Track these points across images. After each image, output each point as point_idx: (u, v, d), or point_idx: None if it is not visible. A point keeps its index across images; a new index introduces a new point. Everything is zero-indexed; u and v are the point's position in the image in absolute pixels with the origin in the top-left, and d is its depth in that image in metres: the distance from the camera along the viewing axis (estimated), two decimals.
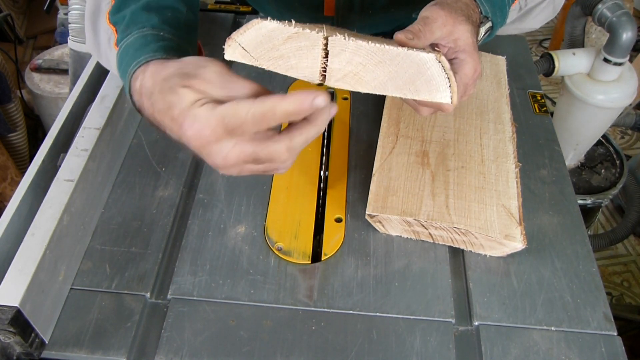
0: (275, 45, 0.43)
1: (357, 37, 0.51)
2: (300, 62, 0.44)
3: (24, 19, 2.30)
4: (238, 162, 0.43)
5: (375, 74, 0.44)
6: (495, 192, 0.62)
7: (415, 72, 0.44)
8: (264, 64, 0.45)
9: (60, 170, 0.59)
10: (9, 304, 0.48)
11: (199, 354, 0.52)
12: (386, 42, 0.47)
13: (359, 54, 0.43)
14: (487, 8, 0.60)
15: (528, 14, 0.69)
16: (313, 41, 0.42)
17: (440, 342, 0.54)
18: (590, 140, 1.34)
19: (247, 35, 0.43)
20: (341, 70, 0.44)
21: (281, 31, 0.42)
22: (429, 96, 0.45)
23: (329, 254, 0.60)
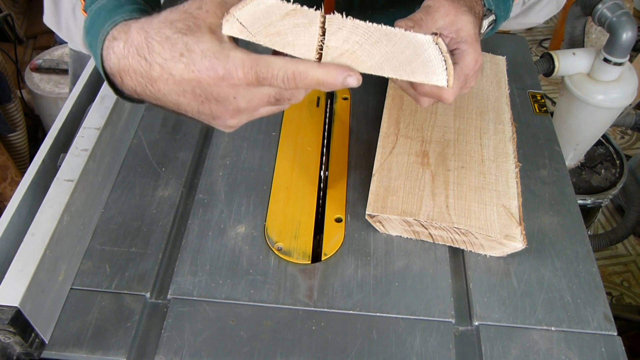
0: (273, 21, 0.43)
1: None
2: (297, 39, 0.44)
3: (24, 19, 2.30)
4: (260, 103, 0.44)
5: (371, 54, 0.44)
6: (495, 192, 0.62)
7: (412, 53, 0.44)
8: (261, 40, 0.45)
9: (60, 170, 0.59)
10: (9, 304, 0.48)
11: (199, 354, 0.52)
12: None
13: (356, 32, 0.43)
14: (490, 1, 0.60)
15: (531, 9, 0.69)
16: (311, 18, 0.43)
17: (440, 342, 0.54)
18: (590, 140, 1.34)
19: (246, 10, 0.43)
20: (338, 48, 0.44)
21: (279, 7, 0.42)
22: (425, 78, 0.45)
23: (329, 254, 0.60)
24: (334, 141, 0.73)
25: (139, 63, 0.43)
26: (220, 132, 0.73)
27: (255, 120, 0.76)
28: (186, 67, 0.42)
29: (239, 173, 0.68)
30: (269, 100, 0.44)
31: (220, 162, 0.70)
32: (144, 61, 0.43)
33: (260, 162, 0.70)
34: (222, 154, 0.71)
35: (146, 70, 0.43)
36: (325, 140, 0.74)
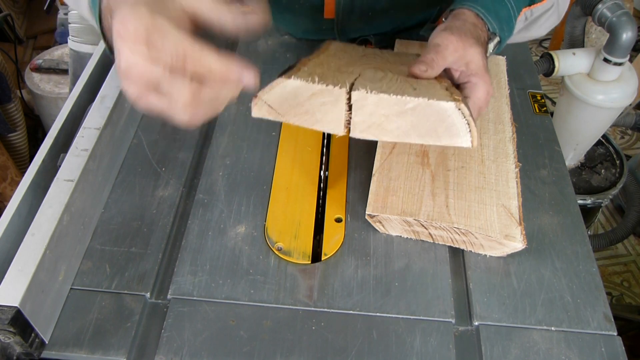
0: (300, 101, 0.45)
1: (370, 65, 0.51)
2: (325, 117, 0.45)
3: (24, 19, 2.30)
4: (140, 77, 0.38)
5: (397, 124, 0.46)
6: (495, 192, 0.62)
7: (437, 120, 0.45)
8: (291, 119, 0.47)
9: (60, 170, 0.59)
10: (9, 304, 0.48)
11: (199, 354, 0.52)
12: (404, 83, 0.48)
13: (381, 106, 0.44)
14: (494, 25, 0.61)
15: (534, 23, 0.70)
16: (336, 96, 0.44)
17: (440, 342, 0.54)
18: (590, 140, 1.34)
19: (273, 93, 0.45)
20: (365, 122, 0.45)
21: (305, 88, 0.44)
22: (449, 141, 0.47)
23: (329, 254, 0.60)
24: (334, 141, 0.73)
25: (107, 19, 0.46)
26: (220, 132, 0.73)
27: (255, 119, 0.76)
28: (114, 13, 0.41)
29: (239, 173, 0.68)
30: (149, 78, 0.38)
31: (220, 162, 0.70)
32: (110, 17, 0.45)
33: (260, 162, 0.70)
34: (222, 154, 0.71)
35: (110, 24, 0.44)
36: (325, 140, 0.74)
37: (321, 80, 0.44)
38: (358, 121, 0.45)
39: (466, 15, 0.60)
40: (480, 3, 0.61)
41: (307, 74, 0.45)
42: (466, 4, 0.62)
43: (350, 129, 0.45)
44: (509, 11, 0.63)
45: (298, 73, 0.46)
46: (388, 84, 0.47)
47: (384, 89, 0.45)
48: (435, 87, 0.48)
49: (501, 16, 0.62)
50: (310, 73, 0.46)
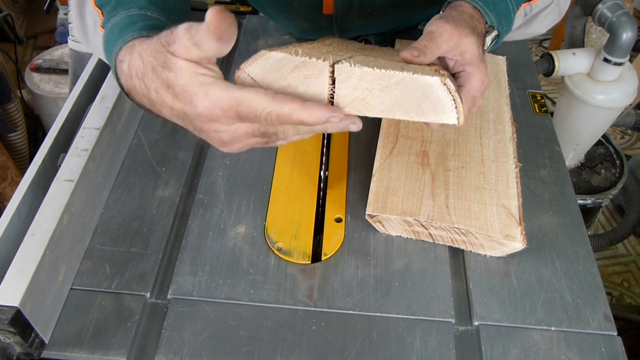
0: (283, 74, 0.44)
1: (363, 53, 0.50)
2: (309, 90, 0.45)
3: (24, 19, 2.30)
4: (246, 137, 0.44)
5: (382, 99, 0.45)
6: (495, 192, 0.62)
7: (421, 95, 0.44)
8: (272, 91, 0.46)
9: (60, 170, 0.59)
10: (9, 304, 0.48)
11: (199, 354, 0.52)
12: (392, 62, 0.47)
13: (365, 79, 0.44)
14: (492, 18, 0.60)
15: (533, 19, 0.69)
16: (320, 69, 0.43)
17: (440, 342, 0.54)
18: (590, 140, 1.34)
19: (256, 65, 0.44)
20: (348, 96, 0.45)
21: (288, 60, 0.43)
22: (435, 118, 0.46)
23: (329, 254, 0.60)
24: (334, 141, 0.73)
25: (140, 85, 0.45)
26: None
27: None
28: (173, 98, 0.43)
29: (239, 173, 0.68)
30: (253, 134, 0.45)
31: (220, 162, 0.70)
32: (144, 84, 0.44)
33: (260, 162, 0.70)
34: (222, 154, 0.71)
35: (146, 93, 0.45)
36: (325, 140, 0.74)
37: (304, 54, 0.43)
38: (341, 95, 0.44)
39: (463, 7, 0.59)
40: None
41: (293, 50, 0.45)
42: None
43: (334, 103, 0.44)
44: (507, 5, 0.62)
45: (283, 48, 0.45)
46: (375, 62, 0.46)
47: (370, 65, 0.45)
48: (424, 69, 0.48)
49: (499, 9, 0.61)
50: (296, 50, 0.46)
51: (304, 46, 0.51)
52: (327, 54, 0.46)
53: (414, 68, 0.47)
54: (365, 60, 0.48)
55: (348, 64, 0.43)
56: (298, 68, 0.43)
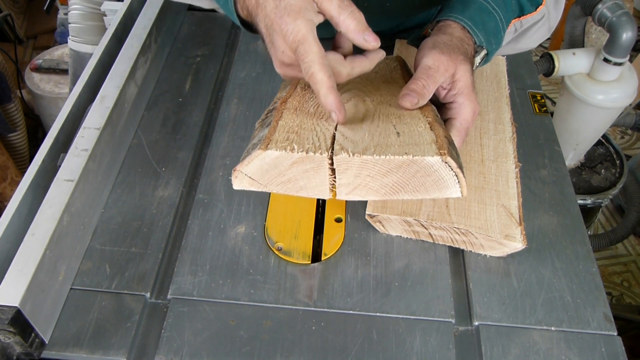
0: (282, 171, 0.44)
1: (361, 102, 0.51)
2: (309, 183, 0.45)
3: (24, 19, 2.30)
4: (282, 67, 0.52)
5: (383, 182, 0.45)
6: (495, 192, 0.62)
7: (423, 175, 0.44)
8: (273, 188, 0.46)
9: (60, 170, 0.59)
10: (9, 304, 0.48)
11: (199, 354, 0.52)
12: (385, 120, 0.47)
13: (366, 167, 0.43)
14: (481, 37, 0.60)
15: (524, 35, 0.69)
16: (318, 162, 0.43)
17: (440, 342, 0.54)
18: (590, 140, 1.34)
19: (252, 165, 0.44)
20: (350, 184, 0.45)
21: (285, 158, 0.43)
22: (439, 194, 0.46)
23: (329, 254, 0.60)
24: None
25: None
26: (220, 132, 0.73)
27: (255, 120, 0.76)
28: (274, 5, 0.50)
29: None
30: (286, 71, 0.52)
31: (220, 162, 0.70)
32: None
33: None
34: (222, 154, 0.71)
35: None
36: None
37: (300, 147, 0.43)
38: (343, 184, 0.44)
39: (453, 29, 0.59)
40: (467, 15, 0.60)
41: (285, 137, 0.44)
42: (452, 15, 0.60)
43: (336, 192, 0.44)
44: (497, 23, 0.62)
45: (275, 136, 0.44)
46: (370, 131, 0.46)
47: (366, 143, 0.43)
48: (419, 127, 0.46)
49: (489, 29, 0.60)
50: (287, 131, 0.45)
51: (289, 106, 0.51)
52: (316, 123, 0.46)
53: (409, 128, 0.46)
54: (355, 117, 0.48)
55: (346, 154, 0.43)
56: (296, 164, 0.43)
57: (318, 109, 0.51)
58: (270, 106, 0.56)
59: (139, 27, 0.80)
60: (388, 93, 0.57)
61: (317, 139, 0.45)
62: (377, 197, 0.45)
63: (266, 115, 0.53)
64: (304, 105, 0.52)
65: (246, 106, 0.77)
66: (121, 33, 0.80)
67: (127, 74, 0.71)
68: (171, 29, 0.89)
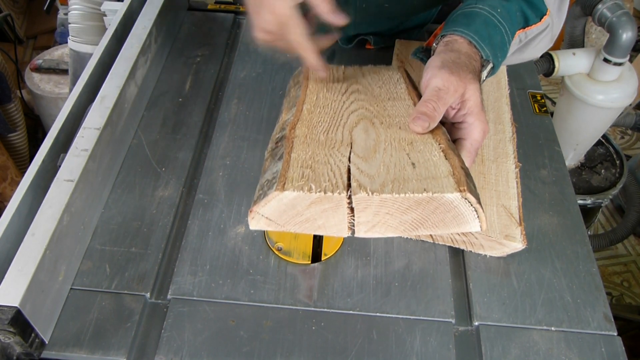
0: (300, 211, 0.43)
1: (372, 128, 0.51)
2: (328, 222, 0.44)
3: (24, 19, 2.30)
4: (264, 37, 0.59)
5: (403, 219, 0.44)
6: (495, 192, 0.62)
7: (443, 212, 0.44)
8: (291, 228, 0.45)
9: (60, 170, 0.59)
10: (9, 304, 0.48)
11: (199, 354, 0.52)
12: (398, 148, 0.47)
13: (385, 205, 0.43)
14: (487, 52, 0.59)
15: (528, 45, 0.69)
16: (337, 202, 0.42)
17: (440, 342, 0.54)
18: (590, 141, 1.34)
19: (269, 206, 0.43)
20: (369, 222, 0.44)
21: (303, 198, 0.42)
22: (458, 229, 0.45)
23: (329, 254, 0.60)
24: None
25: None
26: (220, 132, 0.73)
27: (255, 120, 0.76)
28: None
29: (239, 173, 0.68)
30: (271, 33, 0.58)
31: (220, 162, 0.70)
32: None
33: (260, 162, 0.70)
34: (222, 154, 0.71)
35: None
36: None
37: (317, 186, 0.42)
38: (362, 222, 0.43)
39: (459, 44, 0.58)
40: (473, 29, 0.59)
41: (300, 173, 0.43)
42: (458, 30, 0.59)
43: (355, 230, 0.44)
44: (502, 36, 0.61)
45: (289, 173, 0.43)
46: (385, 162, 0.45)
47: (383, 178, 0.43)
48: (433, 156, 0.45)
49: (495, 42, 0.60)
50: (301, 166, 0.44)
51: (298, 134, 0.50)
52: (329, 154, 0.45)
53: (423, 157, 0.45)
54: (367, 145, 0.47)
55: (365, 193, 0.42)
56: (314, 204, 0.42)
57: (328, 135, 0.51)
58: (278, 132, 0.55)
59: (139, 27, 0.80)
60: (396, 113, 0.56)
61: (333, 174, 0.44)
62: (397, 233, 0.45)
63: (276, 144, 0.51)
64: (314, 132, 0.51)
65: (246, 106, 0.77)
66: (121, 33, 0.80)
67: (127, 74, 0.71)
68: (171, 29, 0.89)
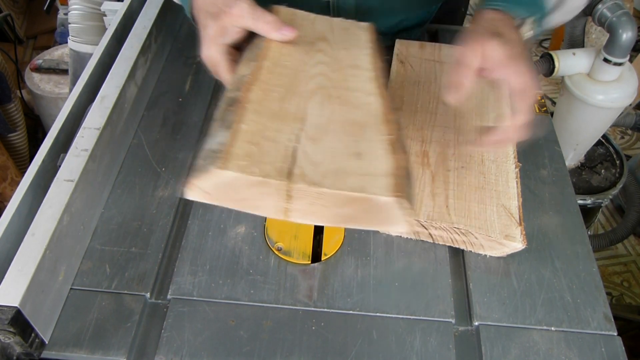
0: (238, 191, 0.43)
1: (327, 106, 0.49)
2: (264, 203, 0.44)
3: (24, 19, 2.30)
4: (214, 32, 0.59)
5: (337, 212, 0.44)
6: (495, 192, 0.62)
7: (376, 211, 0.44)
8: (227, 204, 0.45)
9: (60, 170, 0.59)
10: (9, 304, 0.48)
11: (199, 354, 0.52)
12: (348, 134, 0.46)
13: (322, 198, 0.43)
14: (517, 10, 0.60)
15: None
16: (276, 188, 0.42)
17: (440, 342, 0.54)
18: (590, 141, 1.34)
19: (208, 181, 0.42)
20: (305, 210, 0.44)
21: (244, 180, 0.41)
22: (387, 229, 0.46)
23: (329, 254, 0.60)
24: None
25: None
26: None
27: None
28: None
29: None
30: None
31: None
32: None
33: None
34: None
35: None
36: None
37: (259, 168, 0.41)
38: (298, 209, 0.43)
39: (483, 14, 0.60)
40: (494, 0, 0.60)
41: (245, 151, 0.42)
42: (483, 4, 0.61)
43: (289, 215, 0.44)
44: None
45: (234, 149, 0.42)
46: (332, 146, 0.44)
47: (327, 166, 0.42)
48: (379, 149, 0.45)
49: (522, 1, 0.60)
50: (248, 141, 0.43)
51: (251, 101, 0.48)
52: (277, 131, 0.45)
53: (369, 149, 0.45)
54: (318, 126, 0.46)
55: (305, 184, 0.42)
56: (254, 186, 0.42)
57: (282, 105, 0.49)
58: (232, 90, 0.51)
59: (139, 27, 0.80)
60: (354, 86, 0.53)
61: (278, 155, 0.43)
62: (329, 224, 0.45)
63: (227, 106, 0.49)
64: (268, 98, 0.49)
65: None
66: (121, 33, 0.80)
67: (127, 74, 0.71)
68: (171, 29, 0.89)
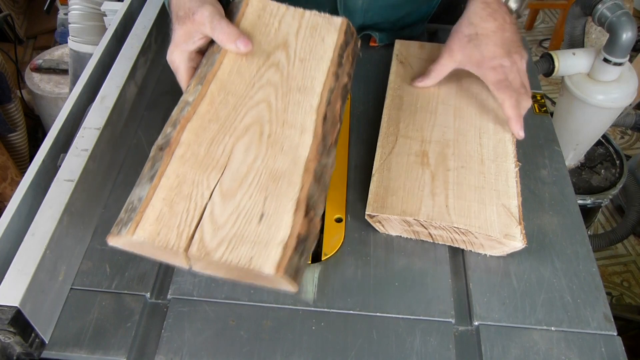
0: (147, 250, 0.48)
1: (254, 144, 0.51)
2: (171, 260, 0.48)
3: (24, 19, 2.30)
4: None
5: (230, 273, 0.48)
6: (495, 192, 0.62)
7: (263, 278, 0.46)
8: (142, 255, 0.49)
9: (60, 170, 0.59)
10: (9, 304, 0.48)
11: (199, 354, 0.52)
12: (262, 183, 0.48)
13: (213, 264, 0.46)
14: None
15: None
16: (176, 252, 0.45)
17: (440, 342, 0.54)
18: (590, 141, 1.34)
19: (120, 242, 0.47)
20: (204, 267, 0.47)
21: (149, 243, 0.45)
22: (268, 286, 0.48)
23: (329, 254, 0.60)
24: None
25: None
26: None
27: None
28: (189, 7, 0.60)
29: None
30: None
31: None
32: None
33: None
34: None
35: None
36: None
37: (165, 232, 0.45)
38: (197, 267, 0.47)
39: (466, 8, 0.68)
40: None
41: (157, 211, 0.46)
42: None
43: (195, 268, 0.48)
44: None
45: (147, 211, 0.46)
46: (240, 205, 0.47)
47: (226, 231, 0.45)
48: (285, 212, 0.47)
49: None
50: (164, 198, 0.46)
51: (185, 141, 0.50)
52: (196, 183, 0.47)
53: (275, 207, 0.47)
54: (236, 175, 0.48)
55: (198, 252, 0.45)
56: (158, 248, 0.45)
57: (210, 148, 0.50)
58: (168, 127, 0.53)
59: (139, 27, 0.80)
60: (292, 120, 0.53)
61: (186, 217, 0.46)
62: (228, 278, 0.49)
63: (159, 150, 0.52)
64: (200, 138, 0.50)
65: None
66: (121, 33, 0.80)
67: (127, 74, 0.71)
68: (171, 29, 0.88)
